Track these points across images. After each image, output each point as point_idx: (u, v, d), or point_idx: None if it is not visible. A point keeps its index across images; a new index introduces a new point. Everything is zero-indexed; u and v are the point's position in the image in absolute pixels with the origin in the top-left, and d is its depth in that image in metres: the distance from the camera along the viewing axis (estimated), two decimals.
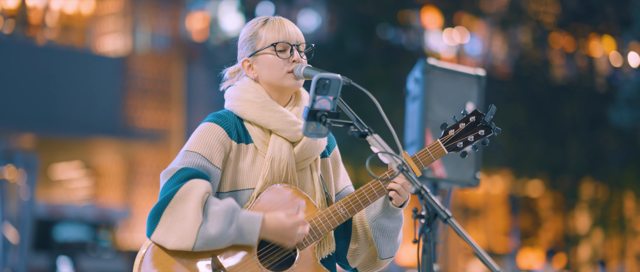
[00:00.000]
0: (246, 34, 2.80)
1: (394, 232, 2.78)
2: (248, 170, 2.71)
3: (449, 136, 2.71)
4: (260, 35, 2.76)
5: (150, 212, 2.58)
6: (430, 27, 19.12)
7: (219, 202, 2.57)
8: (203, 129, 2.70)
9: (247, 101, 2.74)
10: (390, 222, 2.76)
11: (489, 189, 21.32)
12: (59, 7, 18.25)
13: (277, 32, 2.75)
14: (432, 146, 2.70)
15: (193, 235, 2.52)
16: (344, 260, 2.84)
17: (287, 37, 2.75)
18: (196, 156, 2.64)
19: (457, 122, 2.72)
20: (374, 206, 2.75)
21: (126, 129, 18.08)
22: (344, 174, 2.92)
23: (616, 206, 20.08)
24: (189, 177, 2.59)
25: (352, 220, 2.83)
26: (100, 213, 15.47)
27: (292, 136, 2.73)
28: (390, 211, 2.73)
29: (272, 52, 2.74)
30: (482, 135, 2.72)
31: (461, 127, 2.71)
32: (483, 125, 2.71)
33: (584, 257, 20.10)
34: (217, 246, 2.56)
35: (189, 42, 19.53)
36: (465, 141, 2.71)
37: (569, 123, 18.10)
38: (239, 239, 2.57)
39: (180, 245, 2.53)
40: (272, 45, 2.73)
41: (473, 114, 2.72)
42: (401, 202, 2.71)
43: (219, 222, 2.54)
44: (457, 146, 2.70)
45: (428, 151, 2.69)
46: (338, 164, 2.90)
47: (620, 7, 18.43)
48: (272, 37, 2.74)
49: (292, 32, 2.77)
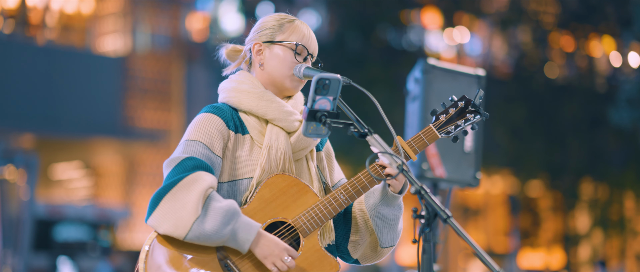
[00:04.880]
0: (271, 21, 2.83)
1: (394, 221, 2.80)
2: (246, 159, 2.72)
3: (441, 121, 2.76)
4: (286, 29, 2.80)
5: (152, 197, 2.58)
6: (430, 27, 19.11)
7: (221, 200, 2.58)
8: (201, 119, 2.71)
9: (243, 92, 2.76)
10: (390, 210, 2.77)
11: (489, 189, 21.32)
12: (59, 7, 18.25)
13: (302, 35, 2.80)
14: (425, 130, 2.75)
15: (187, 225, 2.52)
16: (345, 251, 2.85)
17: (309, 45, 2.80)
18: (198, 145, 2.65)
19: (446, 107, 2.77)
20: (372, 194, 2.76)
21: (126, 129, 18.08)
22: (337, 167, 2.94)
23: (616, 206, 20.08)
24: (195, 167, 2.59)
25: (351, 211, 2.84)
26: (100, 213, 15.47)
27: (288, 126, 2.75)
28: (389, 198, 2.75)
29: (290, 50, 2.76)
30: (471, 119, 2.77)
31: (451, 112, 2.77)
32: (472, 110, 2.76)
33: (584, 257, 20.09)
34: (208, 242, 2.55)
35: (189, 42, 19.53)
36: (456, 125, 2.76)
37: (569, 123, 18.09)
38: (230, 241, 2.56)
39: (173, 232, 2.53)
40: (294, 44, 2.76)
41: (462, 99, 2.78)
42: (399, 187, 2.73)
43: (216, 220, 2.54)
44: (449, 131, 2.76)
45: (421, 136, 2.74)
46: (331, 158, 2.93)
47: (620, 7, 18.42)
48: (296, 37, 2.78)
49: (313, 42, 2.82)
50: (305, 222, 2.67)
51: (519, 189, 19.85)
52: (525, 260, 21.48)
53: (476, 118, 2.77)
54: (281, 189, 2.68)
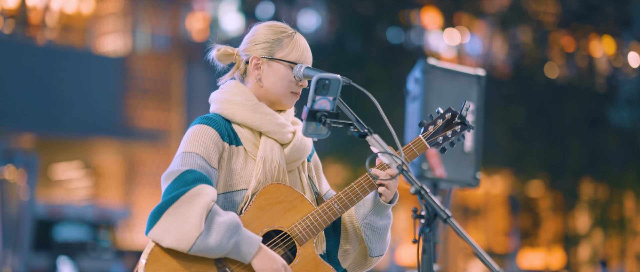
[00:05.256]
0: (269, 34, 2.80)
1: (384, 230, 2.82)
2: (241, 171, 2.72)
3: (429, 132, 2.79)
4: (286, 45, 2.78)
5: (152, 211, 2.58)
6: (430, 27, 19.11)
7: (224, 214, 2.58)
8: (195, 131, 2.69)
9: (236, 104, 2.75)
10: (380, 219, 2.79)
11: (489, 189, 21.33)
12: (59, 7, 18.25)
13: (301, 53, 2.78)
14: (415, 141, 2.77)
15: (191, 240, 2.52)
16: (335, 261, 2.85)
17: (306, 59, 2.80)
18: (196, 157, 2.64)
19: (434, 119, 2.80)
20: (363, 204, 2.78)
21: (126, 129, 18.09)
22: (324, 179, 2.96)
23: (616, 206, 20.08)
24: (196, 181, 2.58)
25: (341, 220, 2.85)
26: (100, 213, 15.47)
27: (282, 138, 2.75)
28: (380, 208, 2.76)
29: (289, 68, 2.76)
30: (458, 131, 2.80)
31: (439, 124, 2.79)
32: (458, 122, 2.80)
33: (584, 257, 20.10)
34: (211, 255, 2.57)
35: (189, 42, 19.53)
36: (444, 136, 2.79)
37: (569, 123, 18.10)
38: (232, 253, 2.57)
39: (177, 246, 2.53)
40: (293, 63, 2.76)
41: (448, 111, 2.81)
42: (390, 197, 2.75)
43: (220, 235, 2.54)
44: (438, 141, 2.78)
45: (411, 146, 2.76)
46: (319, 170, 2.94)
47: (620, 7, 18.44)
48: (295, 55, 2.77)
49: (310, 55, 2.82)
50: (301, 231, 2.68)
51: (519, 189, 19.86)
52: (525, 260, 21.48)
53: (462, 130, 2.80)
54: (276, 198, 2.69)
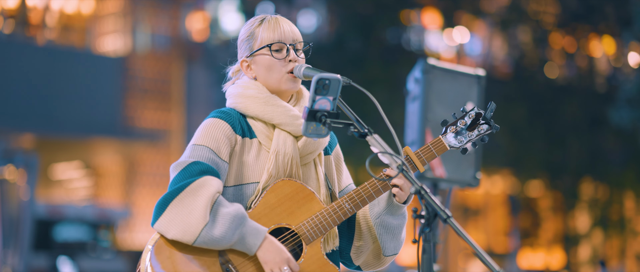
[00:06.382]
0: (244, 34, 2.82)
1: (398, 230, 2.80)
2: (253, 164, 2.72)
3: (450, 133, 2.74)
4: (257, 35, 2.78)
5: (158, 202, 2.58)
6: (430, 27, 19.10)
7: (229, 205, 2.58)
8: (208, 124, 2.71)
9: (249, 97, 2.75)
10: (394, 219, 2.77)
11: (489, 189, 21.32)
12: (59, 7, 18.25)
13: (272, 31, 2.76)
14: (434, 142, 2.73)
15: (196, 232, 2.53)
16: (347, 257, 2.85)
17: (283, 37, 2.76)
18: (205, 149, 2.65)
19: (457, 118, 2.74)
20: (377, 203, 2.76)
21: (126, 129, 18.08)
22: (346, 172, 2.93)
23: (616, 206, 20.07)
24: (202, 172, 2.60)
25: (355, 217, 2.84)
26: (100, 213, 15.46)
27: (295, 130, 2.74)
28: (394, 208, 2.75)
29: (268, 53, 2.75)
30: (482, 132, 2.74)
31: (461, 124, 2.74)
32: (483, 122, 2.74)
33: (584, 257, 20.09)
34: (216, 246, 2.57)
35: (189, 42, 19.53)
36: (467, 137, 2.74)
37: (569, 123, 18.09)
38: (238, 245, 2.58)
39: (182, 238, 2.54)
40: (267, 46, 2.74)
41: (472, 111, 2.74)
42: (404, 198, 2.73)
43: (225, 226, 2.55)
44: (459, 142, 2.73)
45: (430, 147, 2.72)
46: (341, 163, 2.92)
47: (620, 7, 18.42)
48: (267, 37, 2.76)
49: (288, 31, 2.77)
50: (309, 230, 2.68)
51: (519, 189, 19.85)
52: (525, 260, 21.47)
53: (487, 131, 2.75)
54: (287, 195, 2.68)
